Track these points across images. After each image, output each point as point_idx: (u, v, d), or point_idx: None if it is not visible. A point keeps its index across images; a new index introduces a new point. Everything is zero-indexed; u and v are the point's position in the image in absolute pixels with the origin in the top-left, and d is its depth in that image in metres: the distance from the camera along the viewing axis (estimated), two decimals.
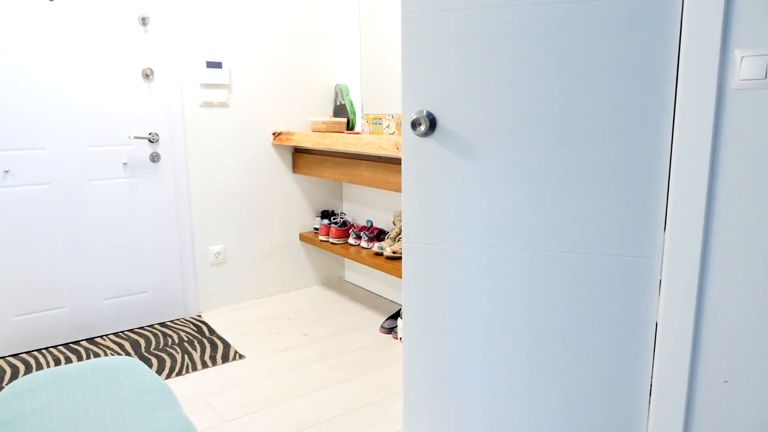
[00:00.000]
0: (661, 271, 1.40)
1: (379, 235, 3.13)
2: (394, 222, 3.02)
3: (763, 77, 1.14)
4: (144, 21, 2.76)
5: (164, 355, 2.60)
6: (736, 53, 1.18)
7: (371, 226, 3.24)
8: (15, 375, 2.42)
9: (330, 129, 3.17)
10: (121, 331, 2.90)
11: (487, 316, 1.49)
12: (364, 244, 3.11)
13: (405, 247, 1.54)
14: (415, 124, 1.42)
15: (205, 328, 2.92)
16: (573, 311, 1.40)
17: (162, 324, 3.00)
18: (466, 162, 1.44)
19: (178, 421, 1.15)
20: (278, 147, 3.35)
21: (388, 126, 3.02)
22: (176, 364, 2.51)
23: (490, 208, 1.45)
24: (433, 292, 1.54)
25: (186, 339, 2.79)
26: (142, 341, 2.77)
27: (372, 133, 3.08)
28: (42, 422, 1.12)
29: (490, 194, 1.44)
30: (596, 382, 1.42)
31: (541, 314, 1.42)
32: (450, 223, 1.48)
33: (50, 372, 1.33)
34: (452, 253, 1.49)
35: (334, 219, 3.37)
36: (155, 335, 2.84)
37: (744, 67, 1.17)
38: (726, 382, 1.30)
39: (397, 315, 2.90)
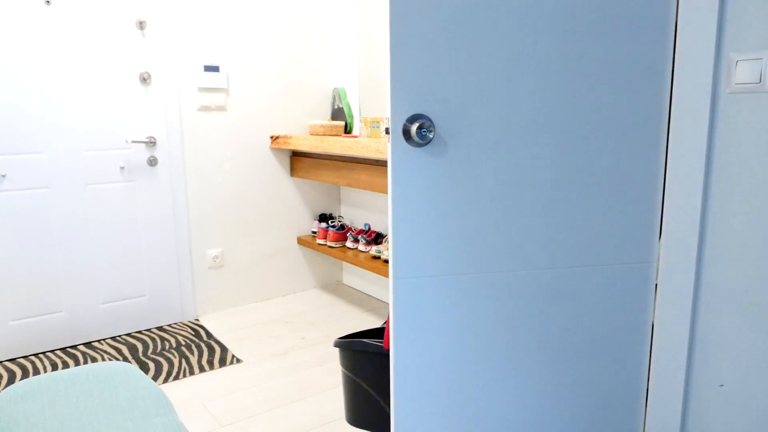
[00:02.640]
0: (656, 275, 1.40)
1: (377, 238, 3.13)
2: None
3: (758, 81, 1.14)
4: (141, 25, 2.76)
5: (162, 360, 2.59)
6: (731, 57, 1.18)
7: (369, 229, 3.23)
8: (11, 380, 2.41)
9: (328, 132, 3.16)
10: (119, 336, 2.90)
11: (505, 343, 1.35)
12: (361, 247, 3.10)
13: (395, 284, 1.25)
14: (416, 132, 1.17)
15: (202, 332, 2.92)
16: (576, 323, 1.37)
17: (159, 328, 2.99)
18: (469, 175, 1.27)
19: (173, 427, 1.14)
20: (276, 150, 3.34)
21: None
22: (173, 368, 2.51)
23: (498, 227, 1.29)
24: (430, 333, 1.28)
25: (183, 343, 2.78)
26: (139, 345, 2.76)
27: (369, 137, 3.07)
28: (36, 428, 1.11)
29: (498, 211, 1.29)
30: (594, 388, 1.42)
31: (549, 329, 1.37)
32: (454, 248, 1.28)
33: (44, 377, 1.32)
34: (462, 283, 1.30)
35: (331, 222, 3.37)
36: (153, 339, 2.84)
37: (738, 71, 1.17)
38: (722, 386, 1.30)
39: None
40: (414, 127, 1.17)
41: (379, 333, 1.91)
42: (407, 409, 1.31)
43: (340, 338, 1.79)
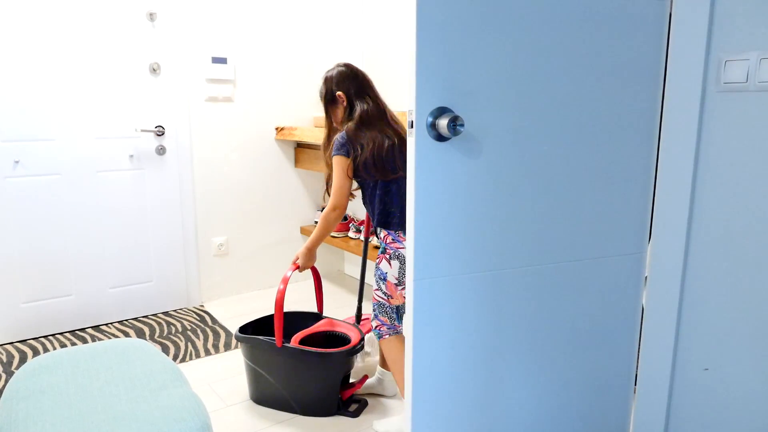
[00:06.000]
0: (647, 266, 1.47)
1: None
2: None
3: (744, 81, 1.21)
4: (152, 16, 2.82)
5: (168, 343, 2.67)
6: (720, 57, 1.25)
7: None
8: (23, 360, 2.49)
9: None
10: (126, 320, 2.97)
11: (520, 336, 1.37)
12: (363, 237, 3.17)
13: (416, 285, 1.19)
14: (448, 126, 1.11)
15: (207, 318, 2.99)
16: (575, 313, 1.42)
17: (165, 313, 3.07)
18: (497, 170, 1.25)
19: (188, 398, 1.21)
20: (281, 141, 3.41)
21: None
22: (180, 351, 2.58)
23: (524, 222, 1.29)
24: (451, 331, 1.26)
25: (189, 328, 2.86)
26: (146, 329, 2.84)
27: None
28: (60, 396, 1.19)
29: (524, 207, 1.30)
30: (588, 374, 1.49)
31: (554, 320, 1.41)
32: (480, 245, 1.26)
33: (65, 351, 1.40)
34: (486, 279, 1.28)
35: None
36: (159, 324, 2.91)
37: (726, 70, 1.24)
38: (706, 369, 1.37)
39: None
40: (445, 121, 1.11)
41: (270, 320, 2.25)
42: (425, 411, 1.28)
43: (240, 329, 2.12)
